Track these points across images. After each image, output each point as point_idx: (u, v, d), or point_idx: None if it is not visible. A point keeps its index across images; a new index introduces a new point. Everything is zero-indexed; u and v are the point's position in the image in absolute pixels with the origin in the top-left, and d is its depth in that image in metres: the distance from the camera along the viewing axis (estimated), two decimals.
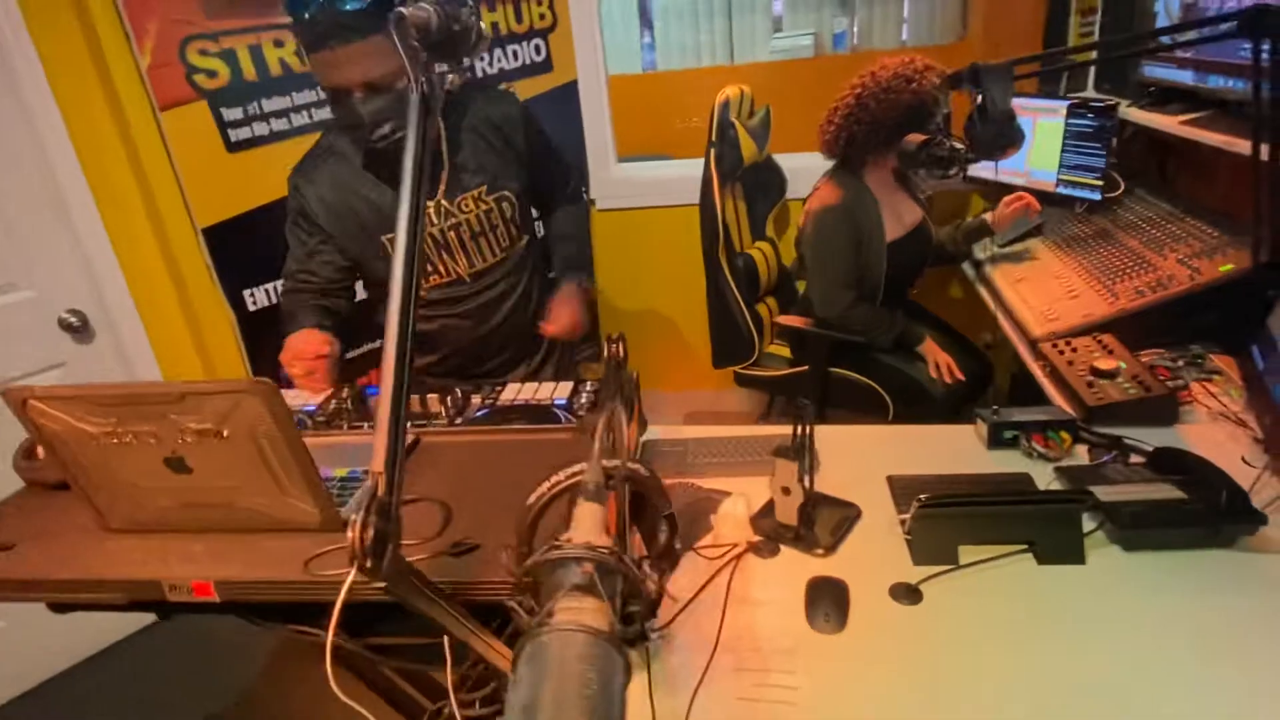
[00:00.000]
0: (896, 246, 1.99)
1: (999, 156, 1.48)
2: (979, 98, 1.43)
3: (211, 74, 1.93)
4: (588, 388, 1.28)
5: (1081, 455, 1.32)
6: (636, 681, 0.83)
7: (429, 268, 1.49)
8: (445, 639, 0.74)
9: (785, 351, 2.31)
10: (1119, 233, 1.94)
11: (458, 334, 1.56)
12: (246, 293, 2.10)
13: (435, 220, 1.46)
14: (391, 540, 0.55)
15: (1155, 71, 1.95)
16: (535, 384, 1.32)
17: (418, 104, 0.75)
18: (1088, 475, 1.23)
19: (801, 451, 1.12)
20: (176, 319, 2.14)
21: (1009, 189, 2.23)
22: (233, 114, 1.98)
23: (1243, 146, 1.57)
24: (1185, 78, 1.86)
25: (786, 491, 1.14)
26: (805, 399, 1.16)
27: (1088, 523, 1.12)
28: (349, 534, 0.55)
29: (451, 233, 1.48)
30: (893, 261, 1.98)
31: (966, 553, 1.10)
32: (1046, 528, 1.10)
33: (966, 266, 2.23)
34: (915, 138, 1.79)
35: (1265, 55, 1.30)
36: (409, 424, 1.19)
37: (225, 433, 0.79)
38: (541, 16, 2.43)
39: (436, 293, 1.53)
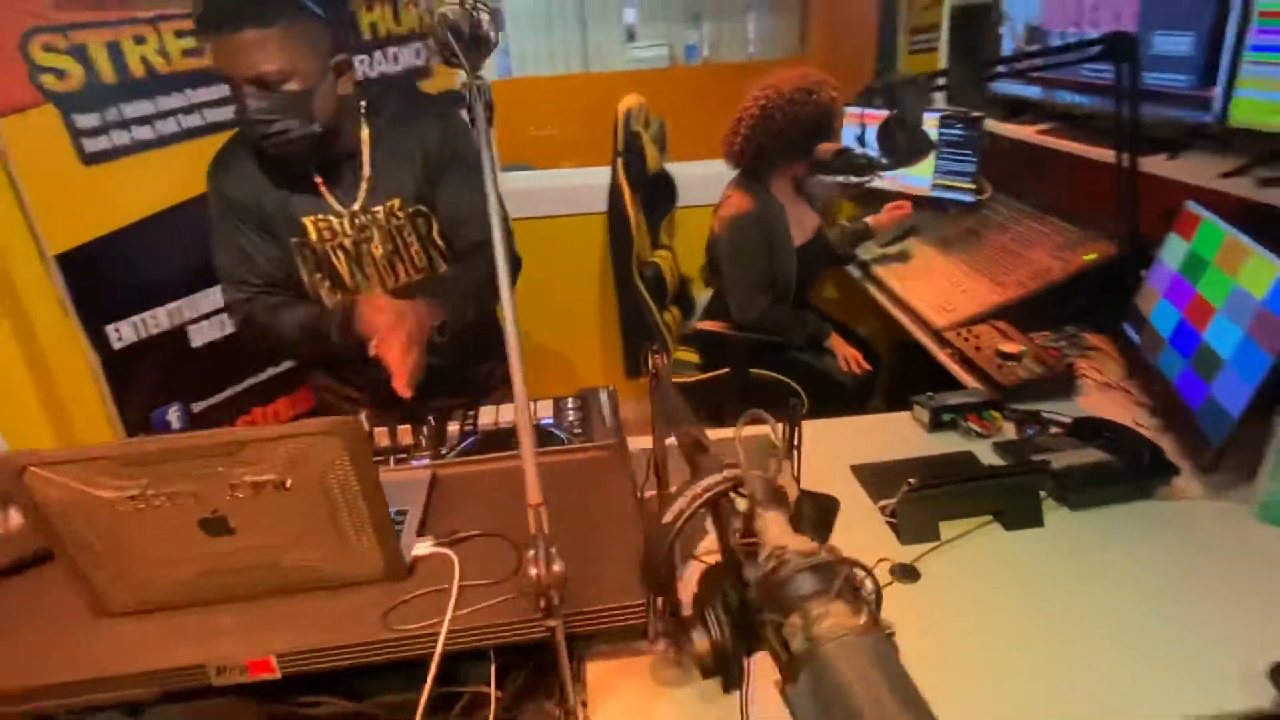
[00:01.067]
0: (801, 251, 2.12)
1: (912, 164, 1.63)
2: (893, 110, 1.57)
3: (61, 74, 1.70)
4: (570, 405, 1.27)
5: (1009, 431, 1.48)
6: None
7: (333, 281, 1.43)
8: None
9: (693, 357, 2.38)
10: (989, 232, 2.19)
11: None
12: (110, 328, 1.87)
13: (348, 230, 1.39)
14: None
15: (1008, 88, 2.22)
16: (511, 405, 1.29)
17: (481, 112, 0.74)
18: (1024, 448, 1.39)
19: (793, 450, 1.18)
20: (15, 365, 1.86)
21: (887, 195, 2.45)
22: (87, 121, 1.75)
23: (1093, 153, 1.84)
24: (1034, 93, 2.13)
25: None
26: (748, 402, 1.20)
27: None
28: (532, 572, 0.53)
29: (365, 245, 1.41)
30: (799, 265, 2.11)
31: (944, 528, 1.21)
32: (1012, 498, 1.23)
33: (853, 268, 2.42)
34: (829, 147, 1.92)
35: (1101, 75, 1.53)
36: (405, 457, 1.13)
37: (289, 483, 0.71)
38: (421, 19, 2.36)
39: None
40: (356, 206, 1.39)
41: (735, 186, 2.14)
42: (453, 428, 1.22)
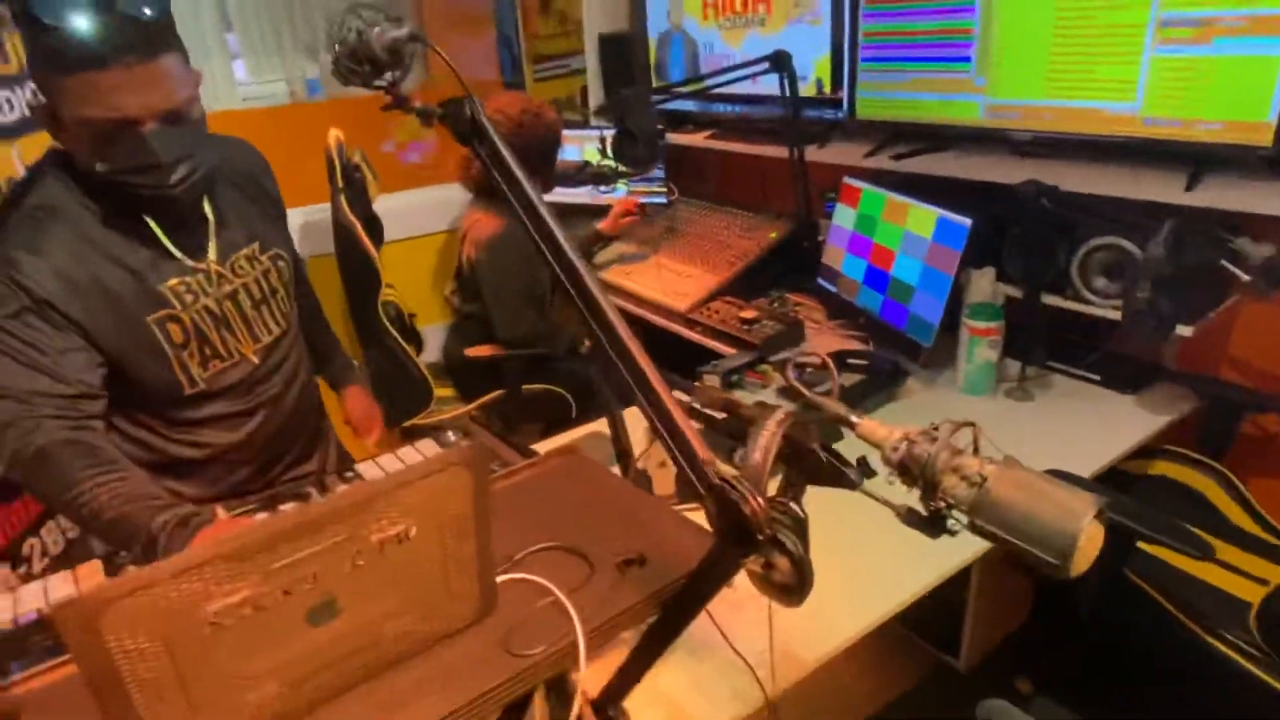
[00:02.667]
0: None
1: (648, 170, 1.90)
2: (626, 122, 1.82)
3: None
4: (451, 438, 1.28)
5: (778, 380, 1.83)
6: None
7: (204, 352, 1.22)
8: None
9: (448, 391, 2.40)
10: (685, 228, 2.58)
11: (246, 438, 1.30)
12: None
13: (207, 289, 1.21)
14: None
15: (669, 105, 2.63)
16: (391, 456, 1.25)
17: (488, 128, 0.80)
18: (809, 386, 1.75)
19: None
20: None
21: (585, 209, 2.72)
22: None
23: (756, 150, 2.32)
24: (690, 106, 2.58)
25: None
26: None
27: None
28: (747, 507, 0.63)
29: (228, 302, 1.24)
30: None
31: None
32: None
33: None
34: (570, 162, 2.10)
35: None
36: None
37: (413, 532, 0.65)
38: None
39: (220, 383, 1.25)
40: (211, 258, 1.23)
41: (479, 209, 2.23)
42: (340, 489, 1.16)
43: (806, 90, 2.13)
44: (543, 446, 1.30)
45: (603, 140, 1.87)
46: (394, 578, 0.69)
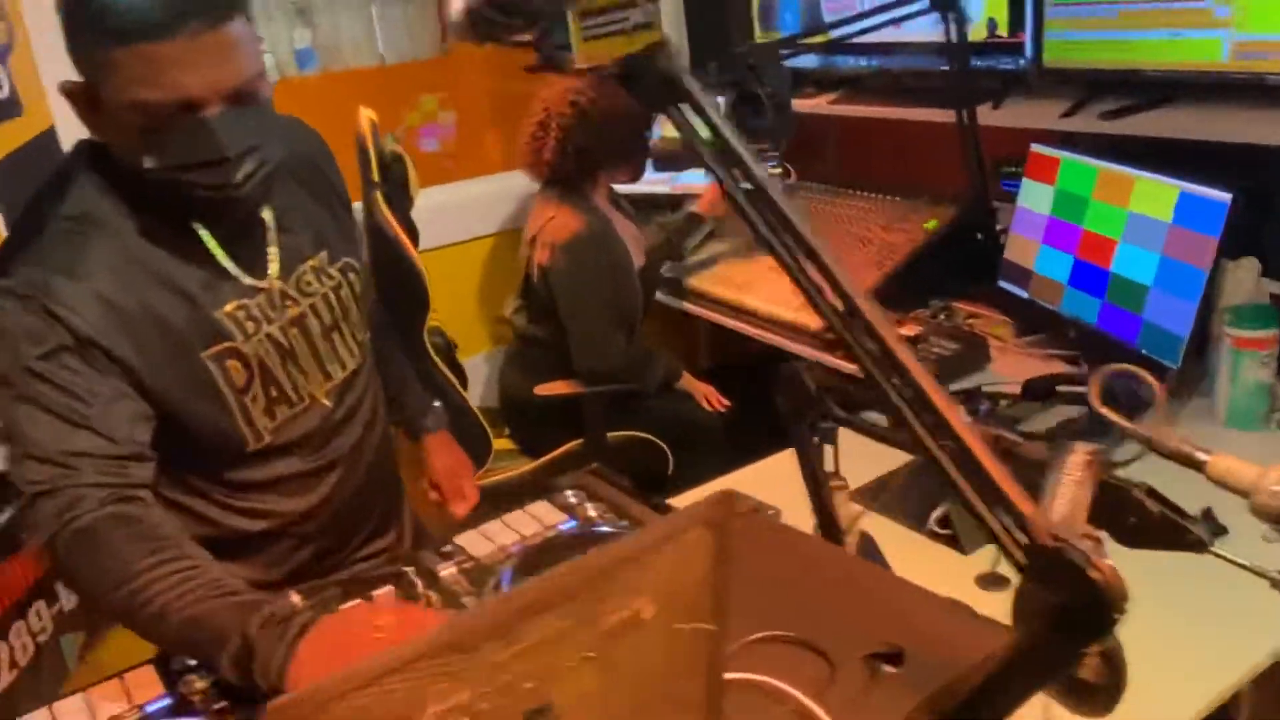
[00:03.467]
0: (642, 272, 2.32)
1: (780, 145, 1.92)
2: (756, 85, 1.85)
3: None
4: (570, 498, 1.30)
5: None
6: None
7: (270, 395, 1.23)
8: None
9: (507, 444, 2.43)
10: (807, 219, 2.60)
11: (317, 505, 1.31)
12: None
13: (271, 314, 1.24)
14: None
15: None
16: (497, 526, 1.26)
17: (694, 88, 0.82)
18: (1005, 426, 1.73)
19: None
20: None
21: (673, 198, 2.75)
22: None
23: (913, 114, 2.32)
24: (810, 62, 2.60)
25: None
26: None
27: None
28: (1097, 574, 0.63)
29: (295, 330, 1.26)
30: (643, 289, 2.30)
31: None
32: (1037, 473, 1.54)
33: (660, 294, 2.66)
34: (668, 139, 2.14)
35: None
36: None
37: (647, 613, 0.66)
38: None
39: (287, 434, 1.26)
40: (273, 274, 1.25)
41: (555, 202, 2.27)
42: (446, 571, 1.17)
43: (974, 34, 2.15)
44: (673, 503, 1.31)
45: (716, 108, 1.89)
46: (617, 675, 0.69)
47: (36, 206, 1.17)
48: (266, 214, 1.26)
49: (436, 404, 1.70)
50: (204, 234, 1.19)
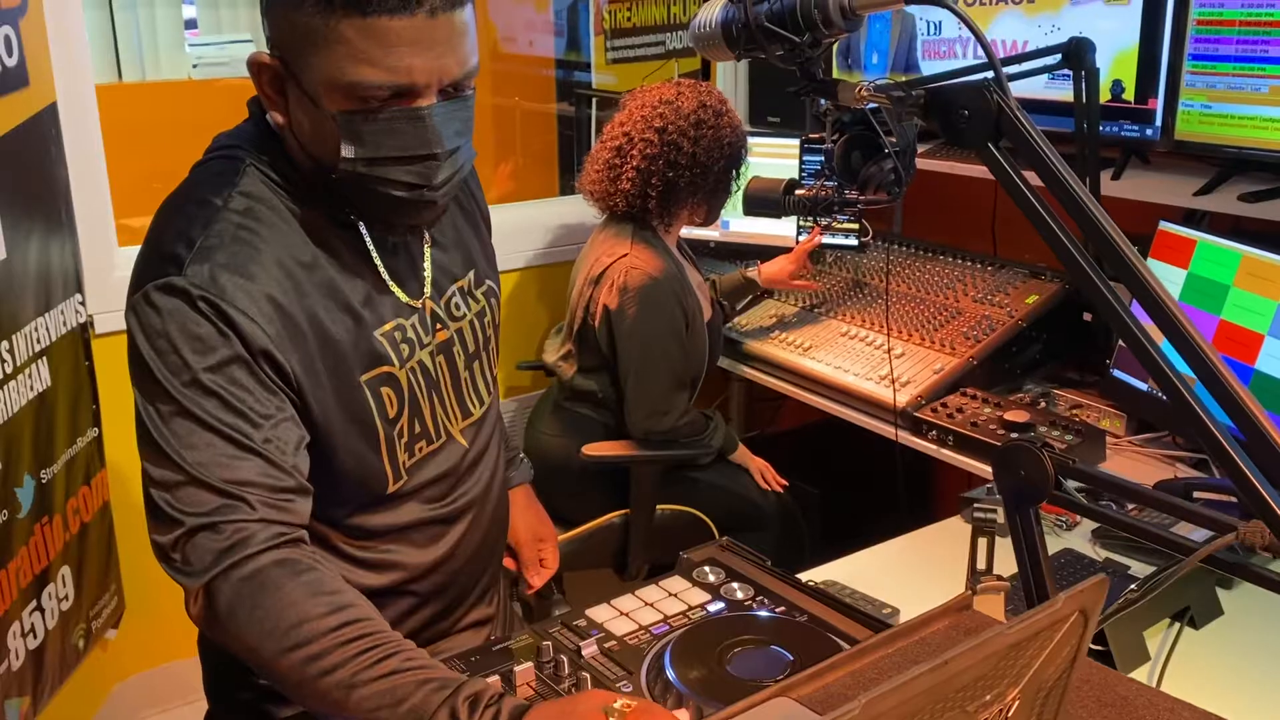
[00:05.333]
0: (710, 326, 2.18)
1: (896, 198, 1.80)
2: (882, 129, 1.72)
3: None
4: (709, 575, 1.21)
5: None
6: None
7: (414, 430, 1.17)
8: None
9: None
10: (879, 282, 2.47)
11: (442, 559, 1.23)
12: None
13: (423, 338, 1.18)
14: None
15: None
16: (630, 601, 1.15)
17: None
18: (1133, 529, 1.59)
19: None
20: None
21: (733, 248, 2.63)
22: None
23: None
24: None
25: None
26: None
27: None
28: None
29: (442, 358, 1.21)
30: (709, 345, 2.17)
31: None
32: (1198, 590, 1.40)
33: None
34: (766, 181, 2.01)
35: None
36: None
37: (1014, 709, 0.63)
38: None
39: (420, 475, 1.20)
40: (427, 293, 1.20)
41: (626, 239, 2.13)
42: (588, 648, 1.07)
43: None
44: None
45: (829, 150, 1.77)
46: None
47: (197, 195, 1.09)
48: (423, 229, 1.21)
49: (521, 455, 1.61)
50: (370, 243, 1.14)
